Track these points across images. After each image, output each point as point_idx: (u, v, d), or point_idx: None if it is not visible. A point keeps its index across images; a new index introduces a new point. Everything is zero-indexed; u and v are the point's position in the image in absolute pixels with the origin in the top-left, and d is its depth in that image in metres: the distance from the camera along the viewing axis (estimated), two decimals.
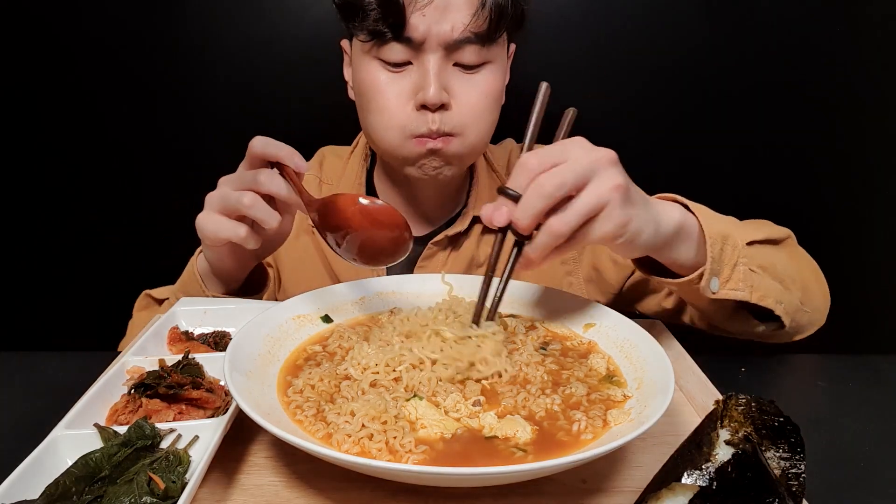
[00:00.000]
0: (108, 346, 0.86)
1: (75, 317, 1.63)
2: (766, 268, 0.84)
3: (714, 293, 0.81)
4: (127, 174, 1.55)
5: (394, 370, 0.69)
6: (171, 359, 0.74)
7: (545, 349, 0.77)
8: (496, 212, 0.68)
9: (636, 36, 1.45)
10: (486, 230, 1.10)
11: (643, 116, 1.50)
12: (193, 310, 0.87)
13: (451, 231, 1.09)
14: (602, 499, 0.59)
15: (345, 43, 1.06)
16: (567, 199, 0.66)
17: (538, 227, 0.68)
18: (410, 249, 0.77)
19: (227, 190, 0.80)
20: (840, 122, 1.51)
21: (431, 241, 1.09)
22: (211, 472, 0.61)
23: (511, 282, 0.91)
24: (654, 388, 0.65)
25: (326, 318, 0.83)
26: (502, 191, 0.69)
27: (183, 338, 0.82)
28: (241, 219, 0.80)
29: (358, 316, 0.86)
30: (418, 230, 1.13)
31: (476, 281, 0.91)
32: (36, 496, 0.52)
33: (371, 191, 1.16)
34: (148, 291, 1.11)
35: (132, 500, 0.52)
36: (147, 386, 0.67)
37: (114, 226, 1.58)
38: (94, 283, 1.62)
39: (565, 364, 0.75)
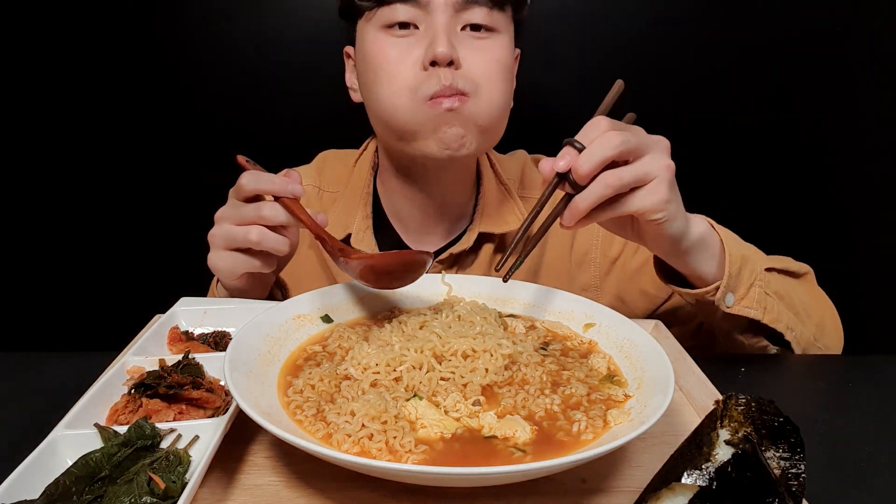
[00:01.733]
0: (108, 346, 0.86)
1: (75, 317, 1.63)
2: (781, 295, 0.90)
3: (728, 308, 0.86)
4: (127, 174, 1.55)
5: (394, 370, 0.69)
6: (171, 359, 0.74)
7: (545, 349, 0.77)
8: (560, 159, 0.73)
9: (640, 37, 1.45)
10: (498, 249, 1.08)
11: (641, 115, 1.50)
12: (193, 310, 0.87)
13: (456, 249, 1.05)
14: (602, 499, 0.59)
15: (349, 48, 1.05)
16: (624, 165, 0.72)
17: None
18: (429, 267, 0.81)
19: (230, 227, 0.82)
20: (840, 122, 1.51)
21: (436, 259, 1.05)
22: (211, 472, 0.61)
23: (511, 282, 0.91)
24: (654, 388, 0.65)
25: (326, 318, 0.83)
26: (569, 142, 0.74)
27: (183, 338, 0.82)
28: (249, 250, 0.83)
29: (358, 316, 0.86)
30: (423, 246, 1.09)
31: (476, 281, 0.92)
32: (36, 496, 0.52)
33: (376, 199, 1.12)
34: None
35: (132, 500, 0.52)
36: (147, 386, 0.67)
37: (114, 226, 1.59)
38: (95, 283, 1.62)
39: (566, 364, 0.75)
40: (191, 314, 0.86)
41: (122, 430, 0.60)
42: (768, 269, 0.90)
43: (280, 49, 1.46)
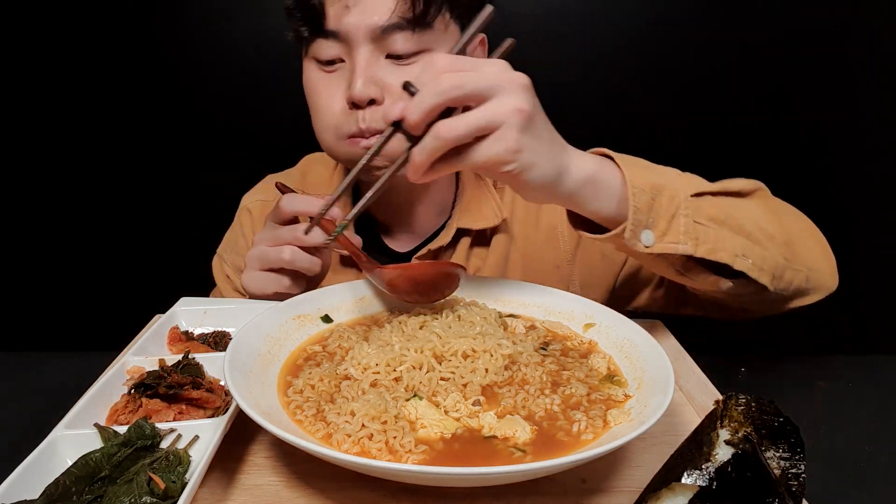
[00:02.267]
0: (108, 346, 0.86)
1: (75, 317, 1.63)
2: (721, 220, 0.77)
3: (649, 247, 0.74)
4: (127, 174, 1.55)
5: (394, 370, 0.69)
6: (171, 359, 0.74)
7: (545, 349, 0.77)
8: (393, 106, 0.65)
9: (640, 37, 1.45)
10: (474, 243, 1.05)
11: (641, 115, 1.50)
12: (193, 310, 0.87)
13: (433, 245, 1.04)
14: (602, 499, 0.59)
15: None
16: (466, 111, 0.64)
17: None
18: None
19: (265, 248, 0.85)
20: (840, 122, 1.51)
21: (415, 256, 1.05)
22: (211, 472, 0.61)
23: (511, 282, 0.91)
24: (654, 388, 0.65)
25: (326, 318, 0.83)
26: (406, 86, 0.66)
27: (183, 338, 0.82)
28: (281, 270, 0.85)
29: (358, 316, 0.86)
30: (404, 245, 1.09)
31: (476, 281, 0.92)
32: (36, 496, 0.52)
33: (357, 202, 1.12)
34: None
35: (132, 500, 0.52)
36: (147, 386, 0.67)
37: (114, 226, 1.59)
38: (95, 284, 1.62)
39: (566, 364, 0.74)
40: (191, 314, 0.86)
41: (122, 430, 0.60)
42: (697, 195, 0.77)
43: (280, 49, 1.46)
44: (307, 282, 0.89)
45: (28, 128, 1.51)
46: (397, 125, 0.66)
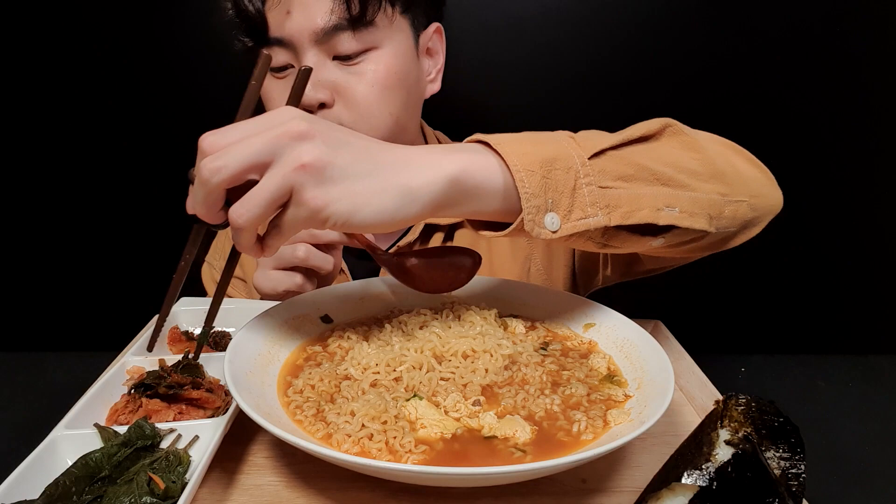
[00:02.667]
0: (107, 346, 0.86)
1: (75, 317, 1.63)
2: (631, 176, 0.67)
3: (556, 232, 0.64)
4: (127, 175, 1.55)
5: (394, 370, 0.69)
6: (171, 359, 0.74)
7: (545, 349, 0.77)
8: (188, 200, 0.60)
9: (640, 37, 1.45)
10: (447, 237, 1.05)
11: (640, 114, 1.50)
12: (193, 310, 0.87)
13: (403, 241, 1.05)
14: (602, 499, 0.59)
15: None
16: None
17: None
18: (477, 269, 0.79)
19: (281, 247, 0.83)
20: (840, 121, 1.51)
21: (387, 251, 1.03)
22: (211, 472, 0.61)
23: (511, 282, 0.91)
24: (654, 388, 0.65)
25: (326, 318, 0.83)
26: (189, 177, 0.61)
27: (183, 338, 0.82)
28: (294, 268, 0.85)
29: (358, 316, 0.86)
30: (381, 244, 1.08)
31: (476, 281, 0.91)
32: (36, 496, 0.52)
33: None
34: None
35: (132, 500, 0.52)
36: (147, 386, 0.67)
37: (114, 226, 1.58)
38: (95, 284, 1.62)
39: (566, 364, 0.74)
40: (191, 314, 0.86)
41: (122, 430, 0.60)
42: (594, 155, 0.66)
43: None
44: (319, 280, 0.89)
45: (28, 127, 1.51)
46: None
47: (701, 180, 0.71)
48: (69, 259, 1.60)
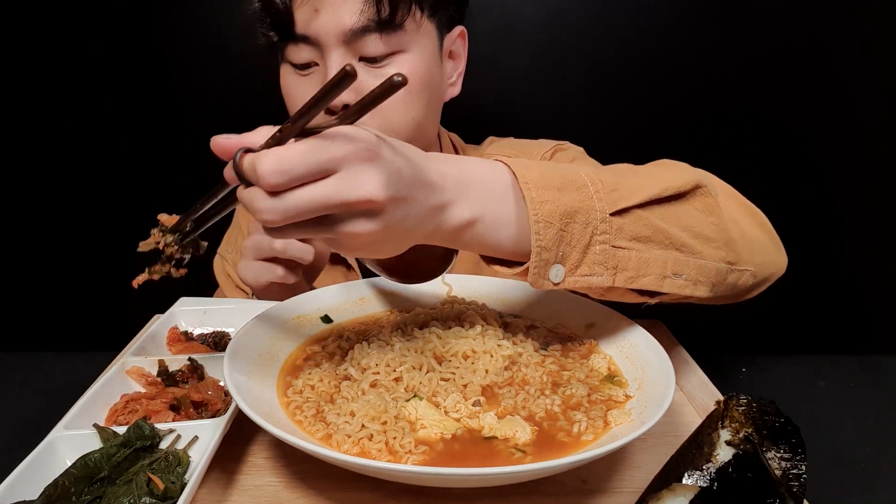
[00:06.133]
0: (108, 346, 0.86)
1: (75, 317, 1.63)
2: (647, 238, 0.66)
3: (557, 283, 0.63)
4: (127, 175, 1.55)
5: (394, 370, 0.69)
6: (171, 359, 0.74)
7: (545, 349, 0.77)
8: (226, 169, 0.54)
9: (641, 39, 1.45)
10: None
11: (641, 118, 1.50)
12: (193, 310, 0.87)
13: None
14: (602, 499, 0.59)
15: None
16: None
17: None
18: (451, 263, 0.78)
19: (259, 237, 0.83)
20: (840, 121, 1.51)
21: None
22: (210, 473, 0.61)
23: (511, 282, 0.91)
24: (654, 389, 0.65)
25: (326, 318, 0.83)
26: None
27: (183, 338, 0.82)
28: (274, 259, 0.83)
29: (358, 316, 0.86)
30: None
31: (477, 281, 0.92)
32: (35, 496, 0.52)
33: None
34: None
35: (131, 501, 0.52)
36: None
37: (114, 226, 1.58)
38: (95, 283, 1.62)
39: (566, 364, 0.74)
40: (190, 314, 0.86)
41: (122, 430, 0.60)
42: (619, 212, 0.65)
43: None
44: (302, 271, 0.87)
45: (28, 127, 1.51)
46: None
47: (712, 247, 0.70)
48: (69, 259, 1.60)
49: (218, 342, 0.82)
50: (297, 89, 0.92)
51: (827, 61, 1.47)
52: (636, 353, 0.73)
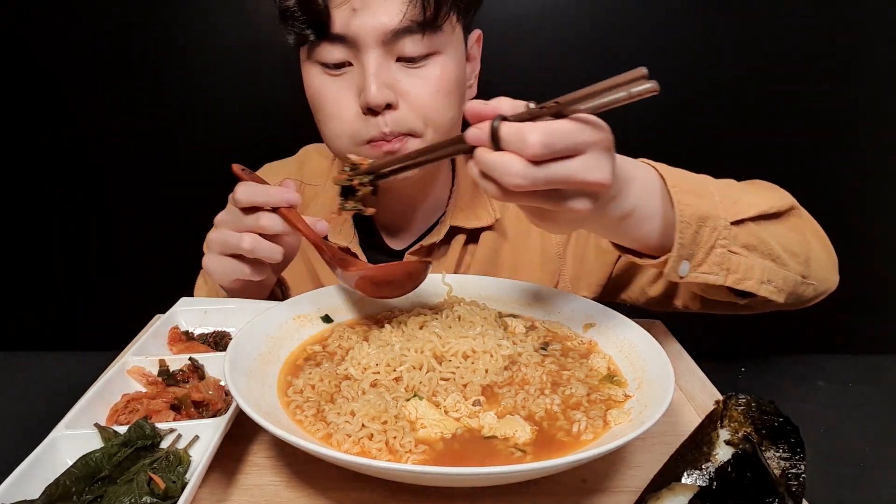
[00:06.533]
0: (108, 346, 0.86)
1: (75, 317, 1.63)
2: (753, 247, 0.77)
3: (682, 277, 0.74)
4: (127, 174, 1.55)
5: (394, 370, 0.69)
6: (172, 358, 0.74)
7: (545, 349, 0.77)
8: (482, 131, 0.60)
9: (642, 41, 1.46)
10: (469, 240, 1.05)
11: (644, 118, 1.50)
12: (193, 310, 0.87)
13: (426, 241, 1.03)
14: (602, 498, 0.59)
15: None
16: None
17: None
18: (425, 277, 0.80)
19: (227, 232, 0.82)
20: (840, 121, 1.51)
21: (408, 252, 1.05)
22: (211, 472, 0.61)
23: (511, 282, 0.91)
24: (654, 388, 0.65)
25: (326, 318, 0.83)
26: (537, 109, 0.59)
27: (183, 338, 0.82)
28: (242, 257, 0.82)
29: (358, 316, 0.86)
30: (399, 243, 1.08)
31: (477, 281, 0.92)
32: (36, 496, 0.52)
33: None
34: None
35: (132, 500, 0.52)
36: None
37: (114, 226, 1.58)
38: (95, 283, 1.62)
39: (566, 364, 0.74)
40: (191, 314, 0.86)
41: (123, 430, 0.60)
42: (737, 222, 0.76)
43: (278, 49, 1.46)
44: (269, 269, 0.87)
45: (28, 127, 1.51)
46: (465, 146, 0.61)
47: (796, 262, 0.82)
48: (69, 259, 1.60)
49: (218, 342, 0.82)
50: (329, 90, 0.90)
51: (827, 62, 1.47)
52: (636, 352, 0.73)
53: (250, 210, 0.81)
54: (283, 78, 1.47)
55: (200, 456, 0.58)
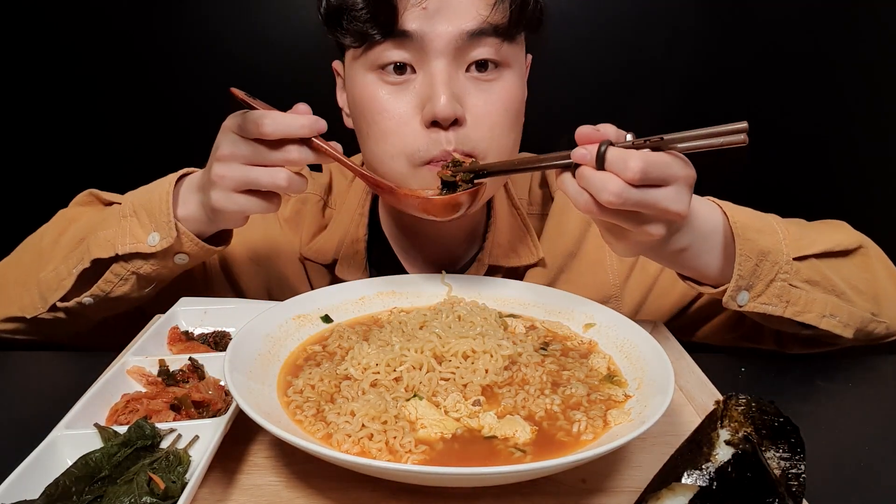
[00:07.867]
0: (108, 346, 0.86)
1: None
2: (816, 282, 0.81)
3: (741, 307, 0.79)
4: (127, 175, 1.55)
5: (394, 370, 0.69)
6: (172, 358, 0.74)
7: (545, 349, 0.77)
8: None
9: (644, 42, 1.46)
10: (507, 275, 0.98)
11: (647, 116, 1.50)
12: (193, 310, 0.87)
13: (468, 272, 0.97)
14: (602, 499, 0.59)
15: (337, 64, 0.93)
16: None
17: None
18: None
19: (248, 168, 0.75)
20: (840, 121, 1.51)
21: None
22: (211, 472, 0.61)
23: (511, 282, 0.91)
24: (654, 388, 0.65)
25: (326, 318, 0.83)
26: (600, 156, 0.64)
27: (183, 338, 0.82)
28: (253, 191, 0.77)
29: (358, 316, 0.86)
30: (416, 269, 1.01)
31: (477, 281, 0.92)
32: (36, 496, 0.52)
33: (375, 225, 1.02)
34: (94, 191, 1.02)
35: (132, 500, 0.52)
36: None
37: None
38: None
39: (566, 364, 0.74)
40: (191, 314, 0.86)
41: (122, 430, 0.60)
42: (800, 258, 0.80)
43: (277, 49, 1.46)
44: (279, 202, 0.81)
45: (28, 126, 1.51)
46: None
47: (863, 299, 0.86)
48: None
49: (218, 342, 0.82)
50: (388, 101, 0.81)
51: (827, 63, 1.47)
52: (636, 352, 0.73)
53: (277, 143, 0.74)
54: (286, 80, 1.47)
55: (200, 456, 0.58)
